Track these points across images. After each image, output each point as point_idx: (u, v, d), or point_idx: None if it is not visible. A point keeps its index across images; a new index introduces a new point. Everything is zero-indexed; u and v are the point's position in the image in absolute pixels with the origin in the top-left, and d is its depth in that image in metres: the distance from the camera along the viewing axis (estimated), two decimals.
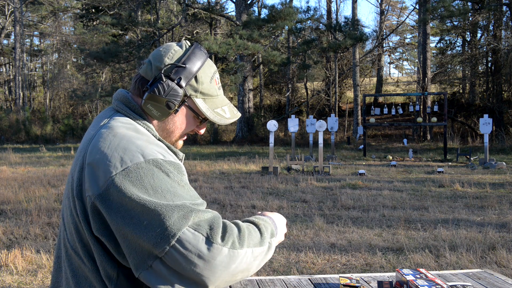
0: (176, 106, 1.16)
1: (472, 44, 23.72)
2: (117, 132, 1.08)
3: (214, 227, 0.97)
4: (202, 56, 1.19)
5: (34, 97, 31.75)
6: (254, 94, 24.17)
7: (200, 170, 11.24)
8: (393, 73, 46.97)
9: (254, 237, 1.02)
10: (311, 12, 22.59)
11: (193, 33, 26.42)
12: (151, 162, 1.02)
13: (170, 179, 1.03)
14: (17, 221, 6.11)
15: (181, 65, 1.16)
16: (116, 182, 0.99)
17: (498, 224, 5.83)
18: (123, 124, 1.13)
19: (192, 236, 0.95)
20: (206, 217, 0.99)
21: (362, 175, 10.39)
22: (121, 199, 0.99)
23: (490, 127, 12.36)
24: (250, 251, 0.99)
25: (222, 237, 0.97)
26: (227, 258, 0.95)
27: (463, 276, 2.19)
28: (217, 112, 1.22)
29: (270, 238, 1.06)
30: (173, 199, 0.99)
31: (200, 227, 0.96)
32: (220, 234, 0.97)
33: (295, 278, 2.18)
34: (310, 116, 14.91)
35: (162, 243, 0.94)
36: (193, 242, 0.94)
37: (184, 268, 0.94)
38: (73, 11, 30.62)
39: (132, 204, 0.98)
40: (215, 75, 1.23)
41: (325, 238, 5.25)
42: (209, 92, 1.21)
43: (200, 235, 0.95)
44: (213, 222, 0.98)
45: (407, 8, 29.81)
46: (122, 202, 0.99)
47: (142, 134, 1.12)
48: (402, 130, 22.57)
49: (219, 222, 0.99)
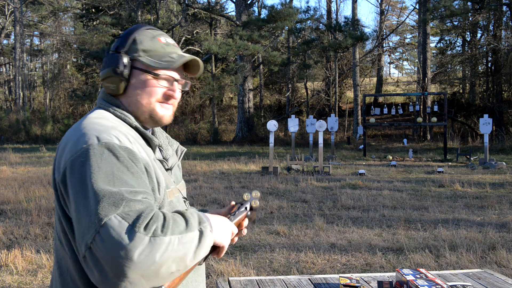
0: (121, 68, 1.20)
1: (472, 44, 23.71)
2: (84, 122, 1.14)
3: (141, 217, 0.96)
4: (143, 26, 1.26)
5: (34, 97, 31.75)
6: (254, 94, 24.16)
7: (200, 170, 11.24)
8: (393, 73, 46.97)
9: (180, 224, 1.01)
10: (311, 12, 22.65)
11: (193, 33, 26.42)
12: (103, 145, 1.06)
13: (119, 163, 1.04)
14: (17, 221, 6.11)
15: (118, 37, 1.24)
16: (69, 164, 1.05)
17: (498, 224, 5.83)
18: (95, 114, 1.18)
19: (118, 224, 0.94)
20: (137, 207, 0.98)
21: (362, 175, 10.39)
22: (71, 180, 1.03)
23: (490, 127, 12.36)
24: (176, 239, 0.98)
25: (145, 227, 0.95)
26: (149, 247, 0.94)
27: (463, 276, 2.19)
28: (166, 60, 1.23)
29: (198, 225, 1.05)
30: (113, 182, 1.00)
31: (129, 216, 0.96)
32: (145, 223, 0.96)
33: (295, 278, 2.18)
34: (310, 116, 14.91)
35: (91, 228, 0.95)
36: (118, 229, 0.94)
37: (108, 257, 0.93)
38: (73, 11, 30.62)
39: (78, 186, 1.02)
40: (158, 36, 1.25)
41: (325, 238, 5.25)
42: (152, 48, 1.23)
43: (126, 224, 0.95)
44: (143, 212, 0.98)
45: (407, 8, 29.83)
46: (71, 184, 1.03)
47: (109, 121, 1.15)
48: (402, 130, 22.56)
49: (148, 213, 0.98)
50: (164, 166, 1.26)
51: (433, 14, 18.93)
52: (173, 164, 1.34)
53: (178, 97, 1.27)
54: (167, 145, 1.38)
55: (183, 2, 22.68)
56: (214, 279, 3.94)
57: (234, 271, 4.10)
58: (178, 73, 1.27)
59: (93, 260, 0.94)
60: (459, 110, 22.47)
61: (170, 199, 1.20)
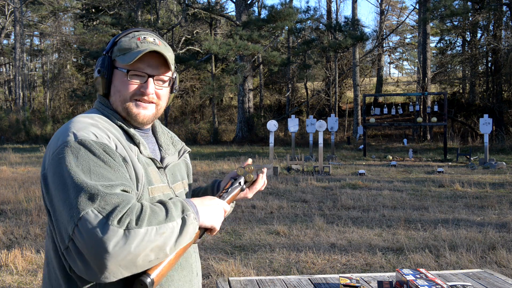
0: (101, 69, 1.25)
1: (472, 44, 23.71)
2: (71, 121, 1.18)
3: (116, 210, 1.00)
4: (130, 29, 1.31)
5: (34, 97, 31.74)
6: (254, 94, 24.16)
7: (200, 170, 11.24)
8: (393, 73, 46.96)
9: (159, 215, 1.04)
10: (311, 12, 22.66)
11: (193, 33, 26.42)
12: (79, 142, 1.10)
13: (96, 158, 1.09)
14: (17, 221, 6.11)
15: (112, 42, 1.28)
16: (50, 161, 1.10)
17: (498, 224, 5.83)
18: (85, 114, 1.23)
19: (94, 217, 0.98)
20: (113, 200, 1.01)
21: (362, 175, 10.39)
22: (51, 176, 1.08)
23: (490, 127, 12.36)
24: (154, 229, 1.01)
25: (119, 219, 0.99)
26: (123, 239, 0.97)
27: (463, 276, 2.19)
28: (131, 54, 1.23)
29: (181, 213, 1.07)
30: (90, 177, 1.04)
31: (104, 209, 0.99)
32: (119, 217, 0.99)
33: (295, 278, 2.18)
34: (310, 116, 14.90)
35: (71, 221, 1.00)
36: (94, 223, 0.97)
37: (87, 249, 0.97)
38: (73, 11, 30.62)
39: (57, 181, 1.06)
40: (139, 35, 1.27)
41: (325, 238, 5.25)
42: (127, 46, 1.24)
43: (101, 217, 0.98)
44: (118, 206, 1.01)
45: (407, 8, 29.82)
46: (52, 179, 1.08)
47: (92, 119, 1.19)
48: (402, 130, 22.56)
49: (124, 206, 1.01)
50: (156, 164, 1.27)
51: (433, 14, 18.93)
52: (170, 163, 1.35)
53: (151, 92, 1.25)
54: (169, 144, 1.39)
55: (183, 2, 22.67)
56: (214, 279, 3.94)
57: (234, 271, 4.10)
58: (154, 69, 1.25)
59: (76, 251, 0.99)
60: (459, 110, 22.47)
61: (153, 195, 1.21)
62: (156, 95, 1.27)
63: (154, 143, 1.37)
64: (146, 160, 1.24)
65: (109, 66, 1.25)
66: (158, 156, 1.34)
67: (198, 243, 1.24)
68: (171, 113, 25.96)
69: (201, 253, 4.68)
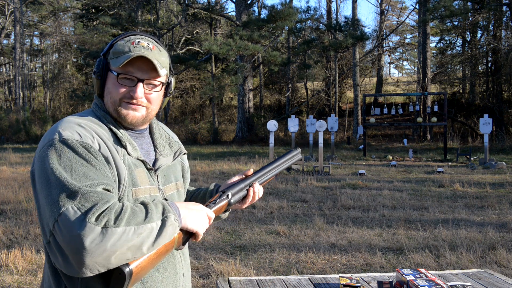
0: (96, 70, 1.29)
1: (472, 44, 23.71)
2: (60, 121, 1.22)
3: (94, 208, 1.03)
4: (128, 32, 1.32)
5: (34, 97, 31.73)
6: (254, 94, 24.15)
7: (200, 170, 11.24)
8: (393, 73, 46.95)
9: (138, 215, 1.06)
10: (311, 12, 22.57)
11: (193, 33, 26.41)
12: (62, 141, 1.13)
13: (78, 157, 1.12)
14: (17, 221, 6.11)
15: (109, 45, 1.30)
16: (37, 158, 1.15)
17: (498, 224, 5.83)
18: (77, 114, 1.27)
19: (73, 214, 1.01)
20: (92, 198, 1.05)
21: (362, 175, 10.39)
22: (37, 173, 1.13)
23: (490, 127, 12.36)
24: (132, 229, 1.03)
25: (97, 217, 1.02)
26: (99, 237, 1.00)
27: (463, 276, 2.19)
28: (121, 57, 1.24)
29: (162, 215, 1.09)
30: (71, 175, 1.08)
31: (83, 206, 1.03)
32: (97, 214, 1.02)
33: (295, 278, 2.18)
34: (310, 116, 14.90)
35: (52, 217, 1.03)
36: (72, 219, 1.01)
37: (64, 243, 1.01)
38: (73, 11, 30.61)
39: (42, 178, 1.10)
40: (134, 39, 1.27)
41: (325, 238, 5.25)
42: (121, 49, 1.26)
43: (79, 213, 1.01)
44: (97, 204, 1.04)
45: (407, 8, 29.80)
46: (38, 176, 1.12)
47: (81, 119, 1.23)
48: (402, 130, 22.56)
49: (103, 204, 1.04)
50: (146, 166, 1.28)
51: (433, 14, 18.92)
52: (163, 165, 1.34)
53: (140, 96, 1.26)
54: (164, 145, 1.40)
55: (183, 2, 22.67)
56: (214, 279, 3.94)
57: (234, 271, 4.10)
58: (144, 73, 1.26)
59: (56, 245, 1.03)
60: (459, 110, 22.47)
61: (136, 197, 1.22)
62: (146, 99, 1.28)
63: (150, 144, 1.37)
64: (134, 162, 1.25)
65: (104, 68, 1.29)
66: (152, 157, 1.34)
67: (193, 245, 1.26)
68: (171, 113, 25.96)
69: (201, 253, 4.69)
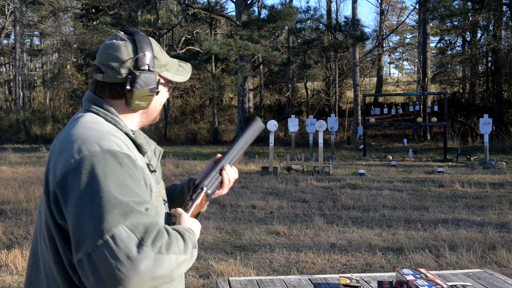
0: (157, 89, 1.26)
1: (472, 44, 23.71)
2: (80, 126, 1.15)
3: (148, 231, 1.00)
4: (146, 38, 1.27)
5: (34, 97, 31.74)
6: (254, 94, 24.15)
7: (200, 170, 11.23)
8: (393, 73, 46.95)
9: (180, 245, 1.06)
10: (311, 12, 22.60)
11: (193, 33, 26.41)
12: (106, 152, 1.07)
13: (123, 170, 1.06)
14: (17, 221, 6.11)
15: (141, 54, 1.22)
16: (72, 170, 1.05)
17: (498, 224, 5.83)
18: (89, 119, 1.18)
19: (127, 236, 0.97)
20: (144, 220, 1.01)
21: (362, 175, 10.39)
22: (74, 187, 1.03)
23: (490, 127, 12.36)
24: (175, 258, 1.03)
25: (152, 242, 0.99)
26: (153, 262, 0.98)
27: (463, 276, 2.19)
28: (180, 72, 1.35)
29: (192, 248, 1.10)
30: (121, 191, 1.02)
31: (136, 229, 0.99)
32: (151, 238, 0.99)
33: (295, 278, 2.18)
34: (310, 116, 14.90)
35: (96, 236, 0.97)
36: (126, 241, 0.97)
37: (110, 266, 0.95)
38: (73, 11, 30.62)
39: (83, 193, 1.02)
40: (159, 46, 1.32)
41: (325, 238, 5.25)
42: (166, 61, 1.30)
43: (134, 236, 0.98)
44: (149, 227, 1.01)
45: (407, 8, 29.79)
46: (74, 190, 1.03)
47: (104, 127, 1.17)
48: (402, 130, 22.56)
49: (154, 227, 1.02)
50: (149, 169, 1.26)
51: (433, 14, 18.92)
52: (156, 165, 1.33)
53: None
54: (146, 145, 1.36)
55: (183, 2, 22.67)
56: (214, 279, 3.94)
57: (234, 271, 4.10)
58: None
59: (91, 265, 0.97)
60: (459, 110, 22.47)
61: (156, 203, 1.21)
62: None
63: None
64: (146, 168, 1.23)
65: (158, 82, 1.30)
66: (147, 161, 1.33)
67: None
68: (171, 113, 25.95)
69: (201, 253, 4.69)
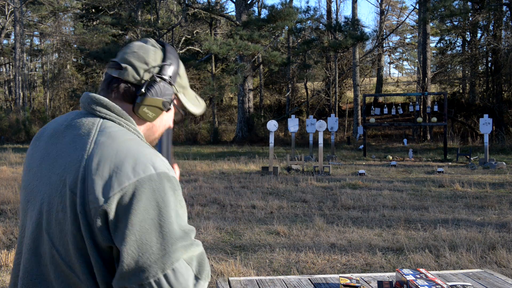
0: (170, 104, 1.14)
1: (472, 44, 23.71)
2: (120, 141, 1.02)
3: (201, 263, 1.01)
4: (175, 52, 1.18)
5: (34, 97, 31.74)
6: (254, 94, 24.16)
7: (200, 170, 11.24)
8: (393, 73, 46.99)
9: None
10: (311, 12, 22.62)
11: (193, 33, 26.42)
12: (162, 176, 0.99)
13: (176, 197, 1.01)
14: (17, 221, 6.11)
15: (168, 64, 1.13)
16: (128, 192, 0.96)
17: (498, 224, 5.83)
18: (120, 131, 1.06)
19: (185, 270, 0.97)
20: (196, 251, 1.02)
21: (362, 175, 10.39)
22: (129, 210, 0.95)
23: (490, 127, 12.36)
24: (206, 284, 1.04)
25: (204, 272, 1.02)
26: None
27: (463, 276, 2.19)
28: (195, 102, 1.23)
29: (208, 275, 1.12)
30: (177, 221, 0.99)
31: (192, 261, 1.00)
32: (204, 270, 1.02)
33: (295, 278, 2.18)
34: (310, 116, 14.91)
35: (155, 266, 0.94)
36: (185, 275, 0.97)
37: None
38: (73, 11, 30.62)
39: (141, 219, 0.95)
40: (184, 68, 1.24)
41: (325, 238, 5.25)
42: (186, 85, 1.21)
43: (191, 270, 0.99)
44: (201, 258, 1.02)
45: (407, 8, 29.80)
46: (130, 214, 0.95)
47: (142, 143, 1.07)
48: (402, 130, 22.56)
49: (203, 258, 1.03)
50: None
51: (433, 14, 18.93)
52: None
53: None
54: None
55: (183, 2, 22.67)
56: (214, 279, 3.94)
57: (234, 271, 4.10)
58: None
59: None
60: (459, 110, 22.47)
61: None
62: None
63: None
64: None
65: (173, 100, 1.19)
66: None
67: None
68: None
69: None
